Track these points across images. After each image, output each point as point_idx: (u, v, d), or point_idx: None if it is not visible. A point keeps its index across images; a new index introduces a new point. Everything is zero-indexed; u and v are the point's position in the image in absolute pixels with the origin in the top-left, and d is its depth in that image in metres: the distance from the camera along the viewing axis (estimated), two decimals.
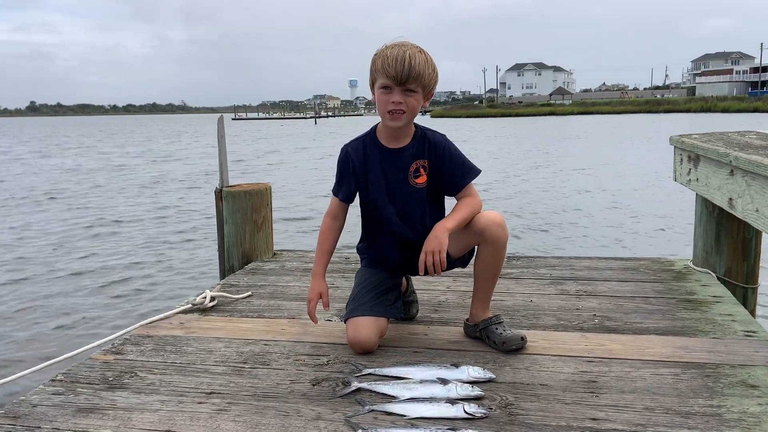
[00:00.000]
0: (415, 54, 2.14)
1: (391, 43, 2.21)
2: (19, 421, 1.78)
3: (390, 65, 2.12)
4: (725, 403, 1.82)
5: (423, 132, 2.34)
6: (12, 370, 4.50)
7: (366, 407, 1.82)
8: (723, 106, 76.93)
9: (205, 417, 1.79)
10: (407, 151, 2.31)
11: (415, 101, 2.19)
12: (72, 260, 8.06)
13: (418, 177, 2.32)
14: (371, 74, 2.23)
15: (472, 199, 2.32)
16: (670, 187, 10.54)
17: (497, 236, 2.27)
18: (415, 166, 2.31)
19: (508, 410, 1.80)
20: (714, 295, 2.84)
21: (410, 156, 2.31)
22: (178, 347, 2.34)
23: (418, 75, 2.13)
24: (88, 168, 21.66)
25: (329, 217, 2.42)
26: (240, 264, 3.61)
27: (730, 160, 2.46)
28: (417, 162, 2.31)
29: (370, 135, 2.36)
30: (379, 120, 2.34)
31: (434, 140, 2.33)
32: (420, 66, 2.13)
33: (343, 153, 2.37)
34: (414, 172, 2.31)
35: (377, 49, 2.23)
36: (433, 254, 2.15)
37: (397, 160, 2.31)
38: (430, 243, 2.17)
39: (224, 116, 4.00)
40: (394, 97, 2.16)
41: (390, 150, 2.31)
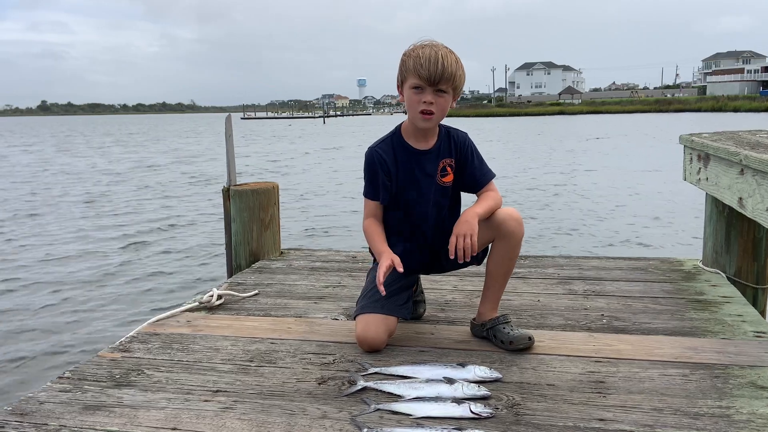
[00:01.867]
0: (447, 55, 2.15)
1: (420, 42, 2.21)
2: (26, 418, 1.79)
3: (423, 66, 2.12)
4: (734, 404, 1.80)
5: (447, 130, 2.36)
6: (23, 366, 4.54)
7: (372, 406, 1.82)
8: (734, 106, 76.39)
9: (211, 415, 1.79)
10: (434, 151, 2.33)
11: (445, 102, 2.20)
12: (107, 257, 8.11)
13: (445, 176, 2.34)
14: (401, 73, 2.23)
15: (494, 193, 2.35)
16: (680, 186, 10.48)
17: (513, 230, 2.27)
18: (442, 165, 2.33)
19: (514, 410, 1.80)
20: (724, 296, 2.81)
21: (438, 155, 2.33)
22: (185, 345, 2.35)
23: (450, 76, 2.14)
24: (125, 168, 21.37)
25: (370, 218, 2.38)
26: (247, 262, 3.61)
27: (741, 159, 2.44)
28: (444, 161, 2.33)
29: (396, 135, 2.35)
30: (402, 120, 2.37)
31: (459, 139, 2.36)
32: (452, 67, 2.14)
33: (373, 156, 2.34)
34: (441, 171, 2.33)
35: (407, 48, 2.23)
36: (465, 237, 2.14)
37: (426, 161, 2.32)
38: (461, 226, 2.17)
39: (233, 115, 4.00)
40: (426, 98, 2.16)
41: (419, 152, 2.32)
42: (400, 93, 2.28)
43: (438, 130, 2.34)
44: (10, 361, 4.67)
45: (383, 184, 2.32)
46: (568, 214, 10.78)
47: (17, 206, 12.78)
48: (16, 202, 13.35)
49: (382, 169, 2.32)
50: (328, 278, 3.27)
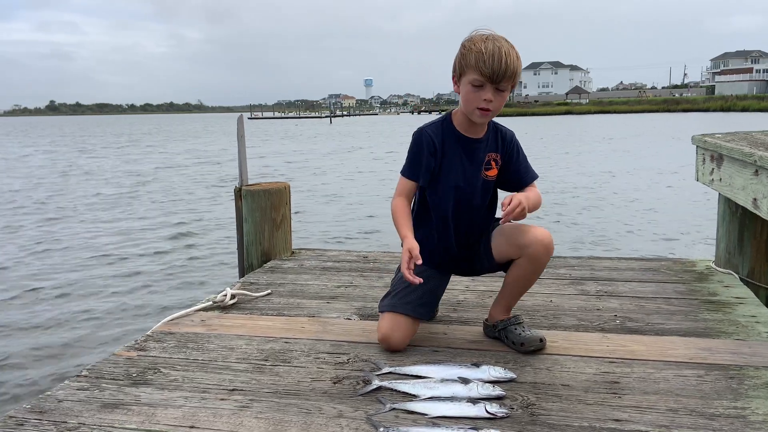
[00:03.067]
0: (509, 51, 2.07)
1: (480, 34, 2.13)
2: (45, 415, 1.81)
3: (486, 63, 2.05)
4: (750, 405, 1.80)
5: (495, 126, 2.33)
6: (41, 364, 4.57)
7: (387, 406, 1.83)
8: (742, 105, 76.02)
9: (228, 413, 1.80)
10: (483, 143, 2.29)
11: (503, 99, 2.16)
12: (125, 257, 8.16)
13: (489, 170, 2.30)
14: (459, 66, 2.15)
15: (537, 190, 2.32)
16: (692, 187, 10.43)
17: (539, 257, 2.23)
18: (487, 159, 2.29)
19: (529, 410, 1.80)
20: (737, 296, 2.81)
21: (485, 148, 2.29)
22: (200, 344, 2.37)
23: (513, 74, 2.09)
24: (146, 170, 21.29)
25: (401, 197, 2.30)
26: (259, 262, 3.63)
27: (755, 159, 2.43)
28: (490, 154, 2.30)
29: (447, 121, 2.31)
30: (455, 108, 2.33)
31: (506, 135, 2.33)
32: (514, 64, 2.08)
33: (423, 136, 2.28)
34: (486, 165, 2.30)
35: (467, 40, 2.15)
36: (520, 205, 2.08)
37: (473, 150, 2.28)
38: (521, 196, 2.13)
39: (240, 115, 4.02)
40: (486, 95, 2.11)
41: (468, 139, 2.28)
42: (455, 84, 2.21)
43: (487, 124, 2.30)
44: (29, 359, 4.70)
45: (426, 165, 2.27)
46: (588, 218, 10.70)
47: (41, 207, 12.85)
48: (42, 203, 13.43)
49: (428, 149, 2.26)
50: (339, 278, 3.28)
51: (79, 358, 4.67)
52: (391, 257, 3.76)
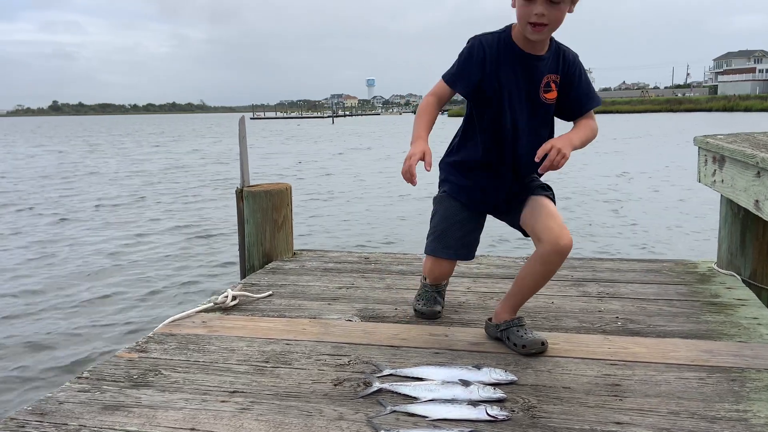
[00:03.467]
0: None
1: None
2: (46, 417, 1.81)
3: None
4: (752, 408, 1.80)
5: (558, 45, 2.16)
6: (42, 366, 4.58)
7: (387, 408, 1.83)
8: (745, 105, 75.92)
9: (228, 416, 1.80)
10: (543, 61, 2.12)
11: (560, 12, 1.98)
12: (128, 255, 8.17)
13: (548, 92, 2.15)
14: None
15: (593, 122, 2.20)
16: (694, 188, 10.42)
17: (551, 261, 2.17)
18: (546, 80, 2.14)
19: (530, 413, 1.80)
20: (739, 298, 2.80)
21: (544, 67, 2.13)
22: (201, 346, 2.37)
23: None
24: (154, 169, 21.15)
25: (433, 97, 2.19)
26: (260, 263, 3.63)
27: (757, 161, 2.43)
28: (549, 76, 2.14)
29: (505, 33, 2.14)
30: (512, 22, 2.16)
31: (569, 56, 2.17)
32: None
33: (474, 42, 2.13)
34: (545, 86, 2.14)
35: None
36: (560, 152, 1.98)
37: (531, 68, 2.12)
38: (560, 141, 2.02)
39: (242, 116, 4.02)
40: (537, 9, 1.95)
41: (527, 55, 2.11)
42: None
43: (549, 42, 2.13)
44: (29, 361, 4.71)
45: (468, 74, 2.12)
46: (595, 217, 10.67)
47: (47, 207, 12.88)
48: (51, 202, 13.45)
49: (477, 58, 2.11)
50: (341, 279, 3.28)
51: (81, 359, 4.68)
52: (392, 258, 3.75)
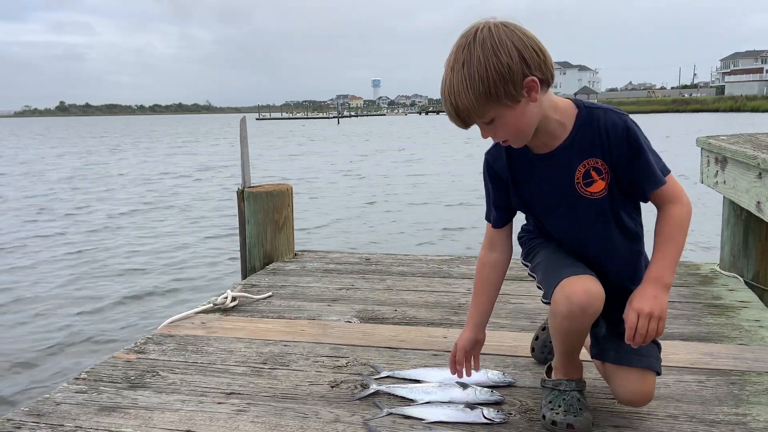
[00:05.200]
0: (453, 83, 1.48)
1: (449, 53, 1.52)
2: (42, 418, 1.81)
3: (444, 107, 1.56)
4: (751, 412, 1.78)
5: (589, 114, 1.62)
6: (40, 366, 4.59)
7: (384, 410, 1.82)
8: (752, 106, 75.65)
9: (224, 417, 1.80)
10: (565, 152, 1.62)
11: (506, 125, 1.53)
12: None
13: (590, 184, 1.62)
14: None
15: (674, 208, 1.61)
16: (697, 189, 10.36)
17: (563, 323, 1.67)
18: (583, 170, 1.62)
19: (527, 416, 1.79)
20: (741, 300, 2.78)
21: (571, 157, 1.62)
22: (199, 347, 2.36)
23: (468, 111, 1.49)
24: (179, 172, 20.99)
25: (483, 249, 1.85)
26: (261, 264, 3.63)
27: (759, 162, 2.41)
28: (586, 162, 1.62)
29: None
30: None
31: (608, 127, 1.59)
32: (463, 100, 1.47)
33: (484, 166, 1.79)
34: (584, 178, 1.63)
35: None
36: (650, 319, 1.54)
37: (552, 166, 1.65)
38: (647, 301, 1.54)
39: (248, 116, 4.02)
40: (482, 134, 1.60)
41: (538, 156, 1.66)
42: None
43: (575, 115, 1.62)
44: (27, 362, 4.72)
45: (495, 200, 1.78)
46: None
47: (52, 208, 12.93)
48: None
49: (493, 181, 1.77)
50: (341, 280, 3.28)
51: (80, 359, 4.68)
52: (393, 259, 3.75)
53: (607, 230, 1.68)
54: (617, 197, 1.65)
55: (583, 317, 1.62)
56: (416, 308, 2.80)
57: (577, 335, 1.69)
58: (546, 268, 1.75)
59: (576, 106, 1.64)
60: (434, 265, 3.55)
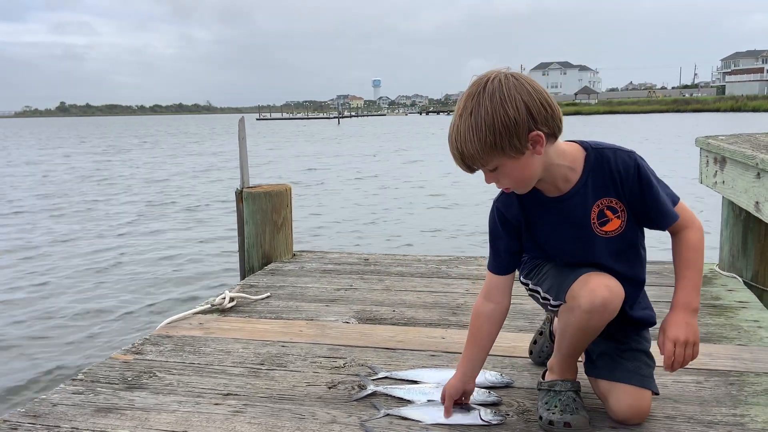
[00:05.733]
0: (459, 130, 1.52)
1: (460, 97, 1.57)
2: (39, 419, 1.81)
3: (450, 150, 1.58)
4: (749, 412, 1.77)
5: (598, 155, 1.65)
6: (38, 367, 4.59)
7: (381, 411, 1.82)
8: (753, 106, 75.63)
9: (221, 419, 1.80)
10: (578, 194, 1.65)
11: (510, 174, 1.57)
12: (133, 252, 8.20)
13: (605, 223, 1.66)
14: None
15: (690, 233, 1.66)
16: (698, 189, 10.35)
17: (582, 318, 1.65)
18: (597, 210, 1.65)
19: (525, 416, 1.78)
20: (740, 301, 2.77)
21: (585, 197, 1.65)
22: (197, 348, 2.36)
23: (473, 158, 1.52)
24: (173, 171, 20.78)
25: (480, 299, 1.83)
26: (260, 264, 3.63)
27: (757, 162, 2.40)
28: (600, 203, 1.65)
29: None
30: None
31: (620, 167, 1.63)
32: (469, 147, 1.51)
33: (492, 212, 1.78)
34: (599, 217, 1.66)
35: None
36: (687, 345, 1.60)
37: (567, 208, 1.67)
38: (681, 329, 1.60)
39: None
40: (486, 180, 1.62)
41: (551, 199, 1.68)
42: None
43: (584, 158, 1.66)
44: (25, 363, 4.72)
45: (508, 248, 1.77)
46: None
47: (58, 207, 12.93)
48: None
49: (506, 229, 1.75)
50: (340, 281, 3.27)
51: (78, 360, 4.68)
52: (392, 259, 3.74)
53: (622, 264, 1.71)
54: (634, 232, 1.70)
55: (603, 313, 1.63)
56: (414, 309, 2.79)
57: (591, 333, 1.69)
58: (557, 275, 1.75)
59: (584, 148, 1.67)
60: (433, 266, 3.55)
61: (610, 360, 1.76)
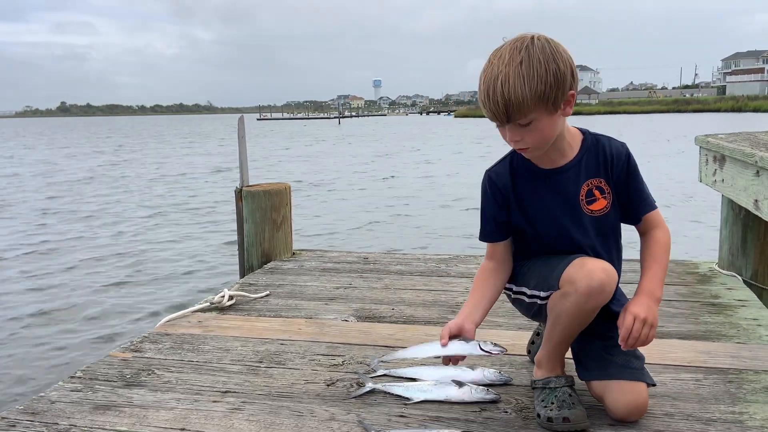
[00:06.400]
0: (509, 77, 1.52)
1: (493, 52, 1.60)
2: (37, 417, 1.80)
3: (484, 102, 1.59)
4: (748, 410, 1.77)
5: (594, 140, 1.75)
6: (37, 364, 4.59)
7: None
8: (754, 106, 75.60)
9: (219, 416, 1.80)
10: (572, 169, 1.72)
11: (537, 132, 1.60)
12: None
13: (593, 202, 1.72)
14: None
15: (659, 233, 1.75)
16: (698, 187, 10.36)
17: (579, 301, 1.65)
18: (586, 188, 1.72)
19: (523, 414, 1.78)
20: (739, 299, 2.77)
21: (578, 174, 1.72)
22: (196, 346, 2.36)
23: (518, 107, 1.53)
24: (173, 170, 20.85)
25: (489, 260, 1.86)
26: (259, 263, 3.63)
27: (756, 160, 2.40)
28: (589, 182, 1.72)
29: (516, 153, 1.76)
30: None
31: (613, 152, 1.73)
32: (517, 94, 1.52)
33: (484, 180, 1.83)
34: (587, 196, 1.72)
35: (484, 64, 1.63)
36: (644, 324, 1.62)
37: (560, 181, 1.73)
38: (643, 309, 1.63)
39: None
40: (507, 135, 1.63)
41: (547, 171, 1.73)
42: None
43: (581, 139, 1.74)
44: (24, 360, 4.72)
45: (497, 218, 1.80)
46: None
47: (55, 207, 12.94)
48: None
49: (495, 198, 1.79)
50: (339, 279, 3.27)
51: (75, 356, 4.68)
52: (391, 258, 3.74)
53: (603, 247, 1.76)
54: (616, 217, 1.76)
55: (600, 295, 1.65)
56: (414, 307, 2.79)
57: (586, 317, 1.71)
58: (542, 267, 1.77)
59: (582, 133, 1.76)
60: (432, 264, 3.55)
61: (600, 359, 1.77)
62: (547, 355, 1.82)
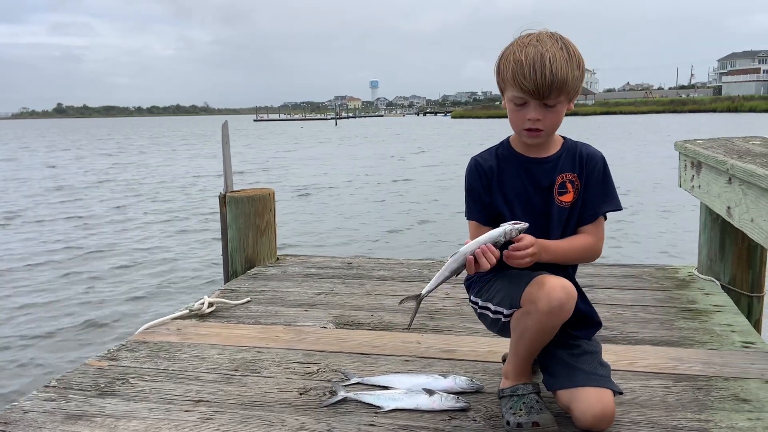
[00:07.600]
0: (555, 56, 1.66)
1: (522, 37, 1.73)
2: (9, 426, 1.81)
3: (526, 76, 1.66)
4: (714, 418, 1.79)
5: (573, 143, 1.90)
6: (16, 373, 4.58)
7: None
8: (750, 106, 75.75)
9: (190, 426, 1.81)
10: (552, 162, 1.86)
11: (556, 115, 1.74)
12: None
13: (564, 194, 1.84)
14: (499, 81, 1.80)
15: (592, 239, 1.85)
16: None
17: (540, 320, 1.72)
18: (561, 180, 1.84)
19: (492, 422, 1.80)
20: (715, 304, 2.79)
21: (556, 166, 1.85)
22: (172, 354, 2.37)
23: (561, 84, 1.66)
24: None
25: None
26: (243, 269, 3.63)
27: (728, 168, 2.42)
28: (564, 175, 1.85)
29: (504, 144, 1.92)
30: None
31: (589, 153, 1.87)
32: (563, 72, 1.66)
33: (470, 164, 1.93)
34: (560, 187, 1.84)
35: (506, 47, 1.75)
36: (525, 251, 1.69)
37: (539, 171, 1.85)
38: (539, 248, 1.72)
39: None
40: (531, 114, 1.72)
41: (530, 159, 1.86)
42: (503, 97, 1.84)
43: (562, 141, 1.89)
44: (2, 369, 4.71)
45: (483, 200, 1.89)
46: None
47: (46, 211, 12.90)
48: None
49: (481, 180, 1.88)
50: (321, 285, 3.28)
51: (58, 364, 4.67)
52: (375, 263, 3.75)
53: (566, 236, 1.86)
54: (577, 212, 1.86)
55: (560, 313, 1.72)
56: (393, 313, 2.80)
57: (548, 333, 1.77)
58: (507, 286, 1.83)
59: (563, 137, 1.92)
60: (415, 270, 3.56)
61: (566, 367, 1.81)
62: (513, 368, 1.86)
